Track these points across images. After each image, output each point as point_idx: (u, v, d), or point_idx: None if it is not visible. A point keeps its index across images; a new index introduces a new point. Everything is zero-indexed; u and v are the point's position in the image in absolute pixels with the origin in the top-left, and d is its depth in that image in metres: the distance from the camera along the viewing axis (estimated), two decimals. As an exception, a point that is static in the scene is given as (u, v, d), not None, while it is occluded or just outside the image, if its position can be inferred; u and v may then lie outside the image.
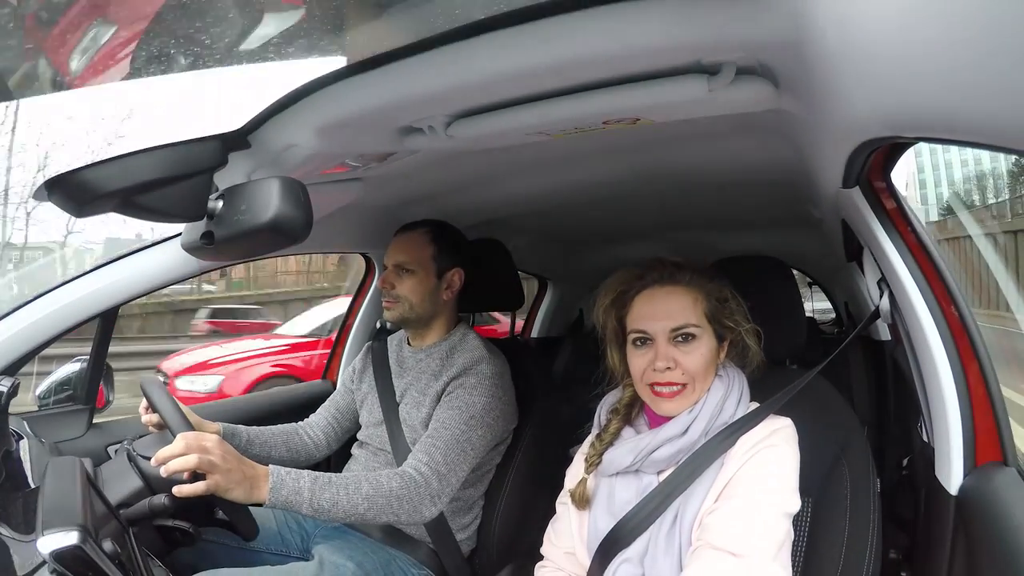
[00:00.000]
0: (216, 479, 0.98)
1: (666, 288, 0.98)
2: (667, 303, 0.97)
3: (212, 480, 0.98)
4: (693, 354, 0.95)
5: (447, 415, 1.29)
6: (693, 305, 0.96)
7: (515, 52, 0.73)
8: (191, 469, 0.97)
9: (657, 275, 0.99)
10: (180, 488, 0.97)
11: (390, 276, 1.43)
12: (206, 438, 1.01)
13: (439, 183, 1.48)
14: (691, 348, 0.95)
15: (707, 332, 0.97)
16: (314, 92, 0.85)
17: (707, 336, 0.96)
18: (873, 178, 0.92)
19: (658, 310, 0.97)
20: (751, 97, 0.85)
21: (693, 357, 0.95)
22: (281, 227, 0.84)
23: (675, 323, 0.95)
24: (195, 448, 0.98)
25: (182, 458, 0.97)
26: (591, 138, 1.07)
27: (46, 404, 1.44)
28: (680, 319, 0.95)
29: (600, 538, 0.98)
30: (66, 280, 1.35)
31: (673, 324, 0.95)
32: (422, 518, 1.20)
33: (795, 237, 2.43)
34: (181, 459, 0.97)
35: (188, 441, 0.99)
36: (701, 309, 0.97)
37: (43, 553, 0.67)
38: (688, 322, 0.95)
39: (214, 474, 0.98)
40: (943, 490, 0.93)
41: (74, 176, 0.79)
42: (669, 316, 0.96)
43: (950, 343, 0.91)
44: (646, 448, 0.96)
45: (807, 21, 0.60)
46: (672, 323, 0.96)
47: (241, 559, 1.27)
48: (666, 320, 0.96)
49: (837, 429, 1.05)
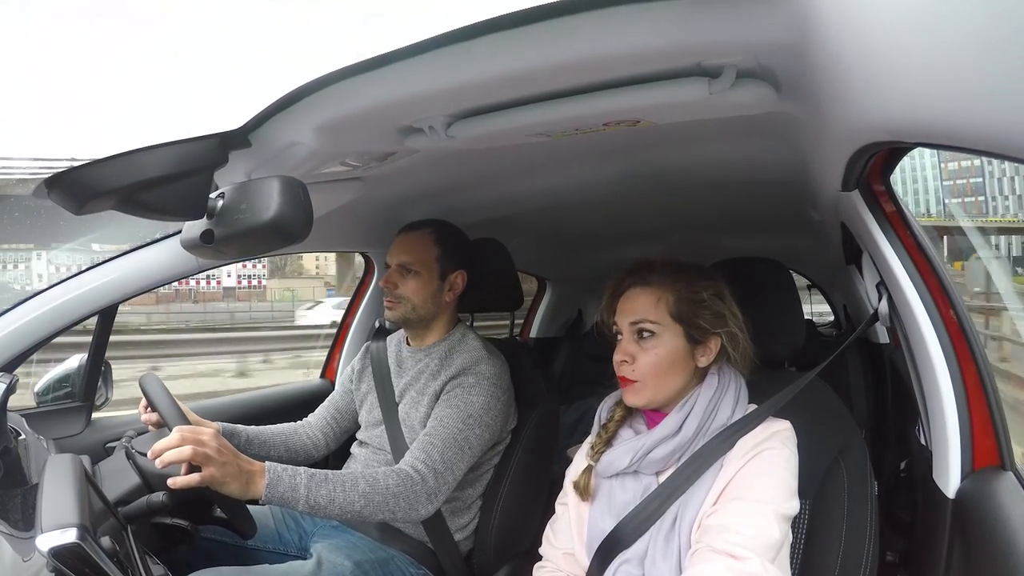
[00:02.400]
0: (211, 471, 0.98)
1: (637, 289, 1.02)
2: (634, 302, 1.01)
3: (207, 472, 0.98)
4: (649, 352, 0.99)
5: (445, 414, 1.29)
6: (655, 304, 0.99)
7: (516, 53, 0.73)
8: (186, 460, 0.97)
9: (634, 278, 1.03)
10: (175, 479, 0.97)
11: (393, 276, 1.42)
12: (202, 431, 1.01)
13: (439, 183, 1.48)
14: (648, 345, 0.99)
15: (669, 331, 0.99)
16: (315, 91, 0.85)
17: (668, 335, 0.99)
18: (872, 181, 0.92)
19: (626, 308, 1.02)
20: (752, 100, 0.85)
21: (648, 355, 0.98)
22: (281, 226, 0.84)
23: (633, 318, 1.00)
24: (191, 440, 0.98)
25: (177, 449, 0.97)
26: (591, 139, 1.07)
27: (45, 401, 1.44)
28: (639, 314, 1.00)
29: (600, 539, 0.98)
30: (65, 277, 1.36)
31: (631, 319, 1.00)
32: (418, 516, 1.20)
33: (794, 239, 2.44)
34: (176, 451, 0.97)
35: (184, 433, 0.99)
36: (664, 308, 0.99)
37: (42, 550, 0.67)
38: (645, 318, 0.99)
39: (209, 466, 0.98)
40: (940, 494, 0.93)
41: (74, 174, 0.79)
42: (632, 312, 1.00)
43: (948, 347, 0.91)
44: (642, 449, 0.96)
45: (808, 25, 0.60)
46: (631, 318, 1.00)
47: (239, 557, 1.27)
48: (628, 316, 1.01)
49: (835, 432, 1.06)
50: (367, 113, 0.90)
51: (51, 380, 1.45)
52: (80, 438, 1.42)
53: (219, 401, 1.83)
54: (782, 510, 0.87)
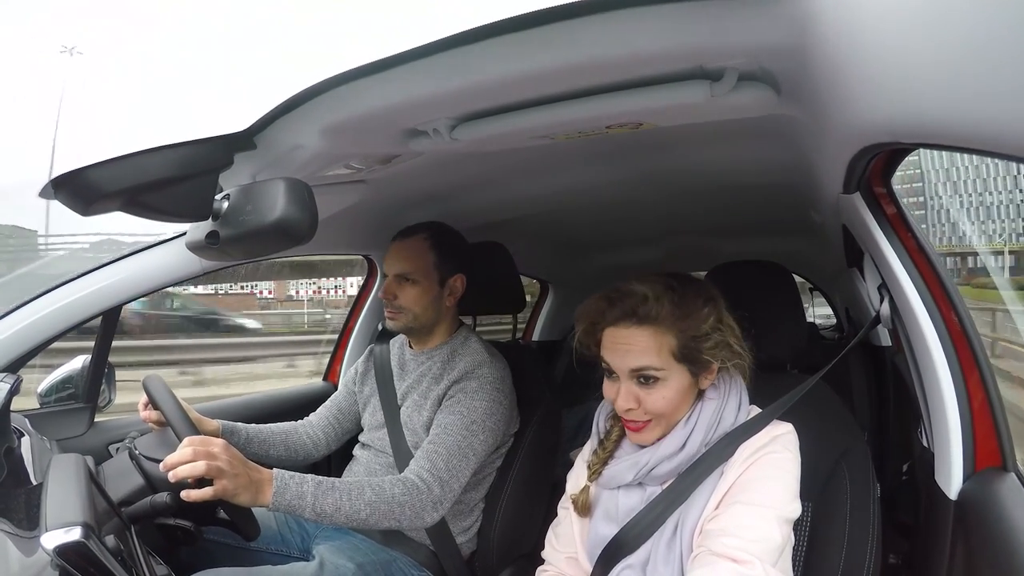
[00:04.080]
0: (224, 484, 0.99)
1: (628, 328, 0.93)
2: (628, 343, 0.92)
3: (220, 485, 0.98)
4: (655, 395, 0.92)
5: (449, 420, 1.29)
6: (658, 348, 0.91)
7: (520, 56, 0.73)
8: (199, 476, 0.98)
9: (621, 311, 0.93)
10: (188, 493, 0.98)
11: (391, 287, 1.41)
12: (212, 443, 1.02)
13: (442, 185, 1.48)
14: (653, 389, 0.93)
15: (675, 372, 0.93)
16: (320, 94, 0.85)
17: (675, 376, 0.93)
18: (874, 183, 0.92)
19: (619, 348, 0.93)
20: (753, 102, 0.85)
21: (655, 398, 0.92)
22: (287, 228, 0.84)
23: (635, 364, 0.92)
24: (203, 454, 0.99)
25: (190, 465, 0.97)
26: (594, 142, 1.08)
27: (48, 402, 1.44)
28: (641, 361, 0.92)
29: (602, 545, 0.98)
30: (69, 278, 1.36)
31: (633, 365, 0.92)
32: (423, 524, 1.20)
33: (795, 242, 2.44)
34: (189, 466, 0.97)
35: (196, 447, 1.00)
36: (668, 351, 0.92)
37: (47, 549, 0.67)
38: (649, 365, 0.92)
39: (222, 479, 0.99)
40: (942, 495, 0.93)
41: (80, 175, 0.79)
42: (629, 356, 0.92)
43: (950, 349, 0.91)
44: (646, 465, 0.95)
45: (809, 27, 0.61)
46: (632, 363, 0.92)
47: (242, 558, 1.27)
48: (626, 360, 0.93)
49: (838, 434, 1.06)
50: (372, 116, 0.91)
51: (54, 381, 1.45)
52: (83, 439, 1.43)
53: (221, 402, 1.83)
54: (784, 513, 0.87)
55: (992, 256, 18.04)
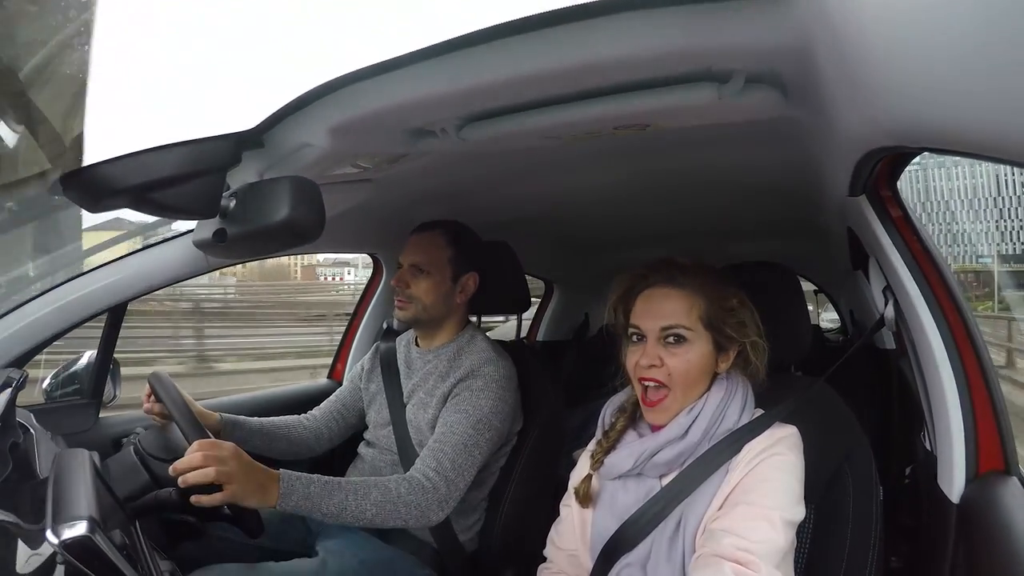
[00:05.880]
0: (233, 489, 1.00)
1: (665, 289, 0.98)
2: (662, 304, 0.97)
3: (229, 491, 0.99)
4: (680, 356, 0.95)
5: (454, 419, 1.29)
6: (688, 309, 0.96)
7: (528, 58, 0.73)
8: (209, 482, 0.99)
9: (660, 276, 0.99)
10: (199, 498, 0.99)
11: (405, 275, 1.42)
12: (222, 447, 1.03)
13: (449, 185, 1.48)
14: (679, 350, 0.95)
15: (701, 338, 0.96)
16: (329, 93, 0.86)
17: (700, 342, 0.96)
18: (879, 187, 0.92)
19: (653, 309, 0.98)
20: (760, 105, 0.85)
21: (679, 360, 0.95)
22: (294, 226, 0.85)
23: (665, 322, 0.96)
24: (212, 460, 0.99)
25: (200, 471, 0.98)
26: (601, 143, 1.08)
27: (53, 398, 1.45)
28: (671, 319, 0.96)
29: (603, 541, 0.98)
30: (76, 275, 1.37)
31: (663, 323, 0.96)
32: (429, 523, 1.20)
33: (801, 244, 2.44)
34: (199, 472, 0.98)
35: (206, 451, 1.00)
36: (697, 314, 0.96)
37: (53, 542, 0.67)
38: (679, 323, 0.95)
39: (231, 485, 0.99)
40: (945, 498, 0.93)
41: (90, 171, 0.80)
42: (662, 316, 0.96)
43: (954, 352, 0.91)
44: (647, 451, 0.96)
45: (816, 30, 0.61)
46: (663, 322, 0.96)
47: (245, 554, 1.27)
48: (658, 319, 0.96)
49: (841, 437, 1.05)
50: (380, 115, 0.91)
51: (59, 377, 1.46)
52: (88, 434, 1.43)
53: (226, 399, 1.84)
54: (788, 516, 0.87)
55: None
